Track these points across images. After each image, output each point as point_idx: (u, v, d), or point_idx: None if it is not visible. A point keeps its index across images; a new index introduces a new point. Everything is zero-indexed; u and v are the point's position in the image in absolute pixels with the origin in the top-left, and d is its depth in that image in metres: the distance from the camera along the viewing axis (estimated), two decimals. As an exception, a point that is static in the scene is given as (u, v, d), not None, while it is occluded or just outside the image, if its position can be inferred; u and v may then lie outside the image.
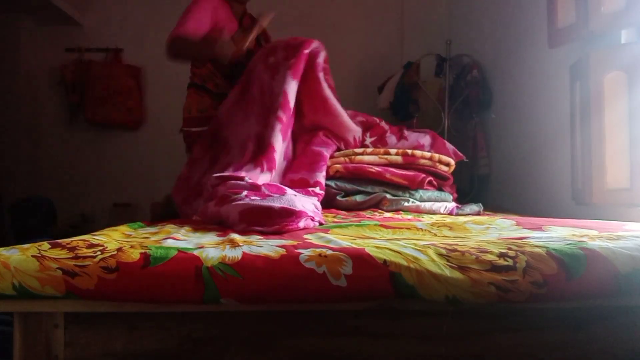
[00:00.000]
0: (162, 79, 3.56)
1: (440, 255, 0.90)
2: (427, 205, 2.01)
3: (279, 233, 1.22)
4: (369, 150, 2.17)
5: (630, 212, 1.64)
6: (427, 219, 1.70)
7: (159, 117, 3.61)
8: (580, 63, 1.76)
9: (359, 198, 2.06)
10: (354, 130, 2.20)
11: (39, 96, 3.58)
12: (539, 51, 2.23)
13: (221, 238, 1.13)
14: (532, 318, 0.94)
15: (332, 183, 2.09)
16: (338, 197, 2.06)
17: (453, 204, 2.03)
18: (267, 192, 1.49)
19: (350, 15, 3.64)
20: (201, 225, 1.41)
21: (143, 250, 0.90)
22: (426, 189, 2.09)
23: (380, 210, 1.98)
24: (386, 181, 2.08)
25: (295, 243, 1.01)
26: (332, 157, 2.17)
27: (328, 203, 2.08)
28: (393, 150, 2.16)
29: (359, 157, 2.14)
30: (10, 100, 3.46)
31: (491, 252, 0.91)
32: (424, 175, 2.09)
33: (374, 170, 2.08)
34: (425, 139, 2.31)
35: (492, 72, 2.88)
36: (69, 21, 3.46)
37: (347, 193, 2.10)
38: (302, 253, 0.89)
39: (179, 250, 0.91)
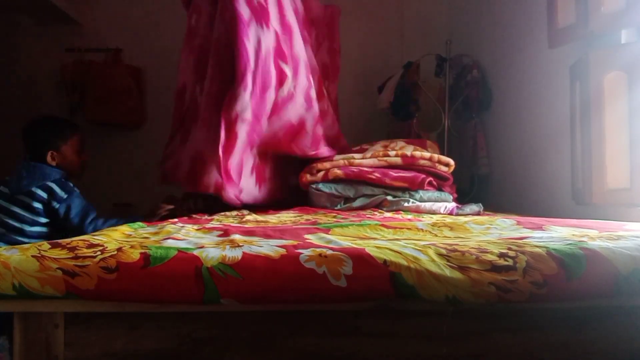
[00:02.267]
0: (162, 79, 3.56)
1: (441, 255, 0.90)
2: (427, 205, 2.01)
3: None
4: (369, 154, 2.17)
5: (630, 212, 1.64)
6: (427, 219, 1.71)
7: (159, 117, 3.60)
8: (580, 63, 1.76)
9: (359, 203, 2.06)
10: None
11: (39, 96, 3.58)
12: (539, 51, 2.23)
13: (221, 238, 1.13)
14: (532, 318, 0.94)
15: (332, 190, 2.08)
16: (337, 207, 2.05)
17: (453, 204, 2.03)
18: None
19: (350, 15, 3.63)
20: (202, 225, 1.41)
21: (143, 250, 0.90)
22: (426, 190, 2.09)
23: (380, 210, 1.99)
24: (387, 185, 2.09)
25: (295, 243, 1.01)
26: (331, 160, 2.17)
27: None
28: (392, 152, 2.17)
29: (358, 161, 2.14)
30: (10, 100, 3.46)
31: (491, 252, 0.91)
32: (423, 175, 2.09)
33: (374, 177, 2.08)
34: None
35: (492, 72, 2.88)
36: (69, 21, 3.46)
37: (347, 198, 2.09)
38: (302, 253, 0.89)
39: (179, 250, 0.91)
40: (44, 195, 1.96)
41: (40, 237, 1.95)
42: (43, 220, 1.97)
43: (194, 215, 1.86)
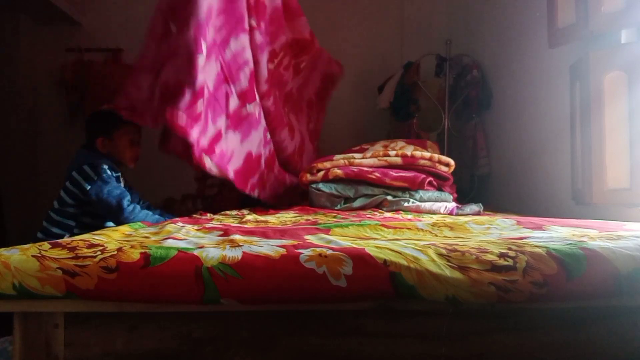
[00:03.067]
0: (162, 79, 3.56)
1: (441, 255, 0.90)
2: (427, 205, 2.01)
3: None
4: (369, 154, 2.17)
5: (630, 212, 1.64)
6: (427, 219, 1.71)
7: (158, 117, 3.60)
8: (580, 63, 1.76)
9: (359, 203, 2.06)
10: None
11: (39, 96, 3.58)
12: (539, 51, 2.23)
13: (221, 238, 1.13)
14: (532, 318, 0.94)
15: (332, 189, 2.08)
16: (337, 207, 2.05)
17: (453, 204, 2.03)
18: None
19: (350, 15, 3.63)
20: (202, 225, 1.41)
21: (143, 250, 0.90)
22: (426, 190, 2.09)
23: (380, 210, 1.99)
24: (387, 185, 2.08)
25: (295, 243, 1.01)
26: (331, 160, 2.17)
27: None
28: (392, 152, 2.17)
29: (358, 161, 2.14)
30: (10, 100, 3.46)
31: (491, 252, 0.91)
32: (424, 175, 2.09)
33: (374, 177, 2.08)
34: None
35: (492, 72, 2.88)
36: (69, 21, 3.46)
37: (347, 198, 2.09)
38: (302, 253, 0.89)
39: (179, 250, 0.91)
40: (77, 177, 2.01)
41: (67, 216, 2.02)
42: (70, 201, 2.02)
43: (194, 215, 1.86)
